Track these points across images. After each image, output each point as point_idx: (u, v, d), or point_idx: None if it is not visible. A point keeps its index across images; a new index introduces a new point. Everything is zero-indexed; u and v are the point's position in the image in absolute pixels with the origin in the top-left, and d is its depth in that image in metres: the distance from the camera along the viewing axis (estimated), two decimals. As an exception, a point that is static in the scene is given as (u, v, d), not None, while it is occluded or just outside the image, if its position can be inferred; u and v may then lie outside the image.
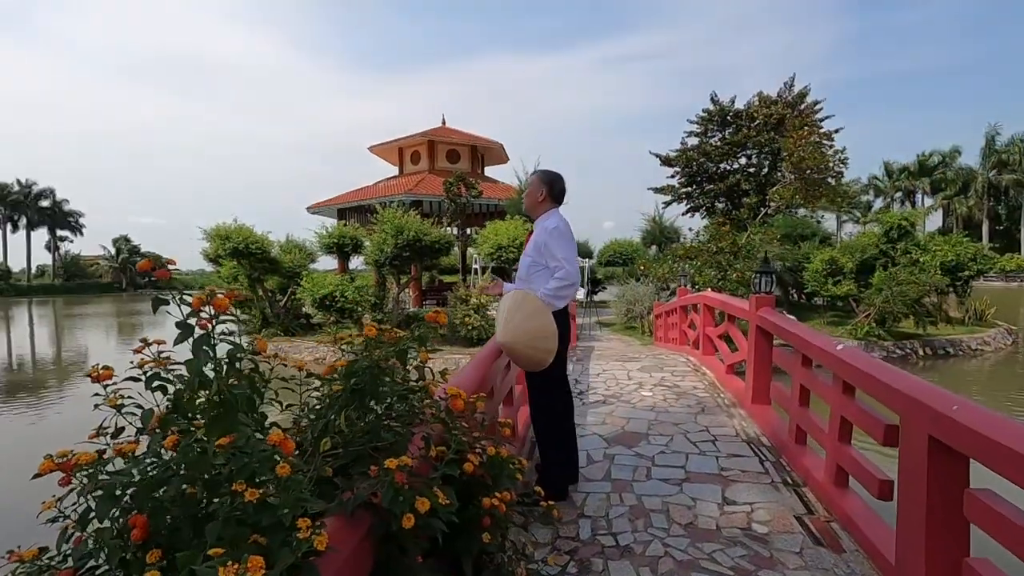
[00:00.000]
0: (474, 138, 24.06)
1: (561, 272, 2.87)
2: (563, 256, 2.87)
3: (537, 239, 2.98)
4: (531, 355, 2.88)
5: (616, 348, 10.66)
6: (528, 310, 2.83)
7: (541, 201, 3.06)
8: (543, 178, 3.08)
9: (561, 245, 2.89)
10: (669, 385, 5.53)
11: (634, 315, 15.98)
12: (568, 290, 2.91)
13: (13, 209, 65.46)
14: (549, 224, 2.95)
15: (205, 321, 1.17)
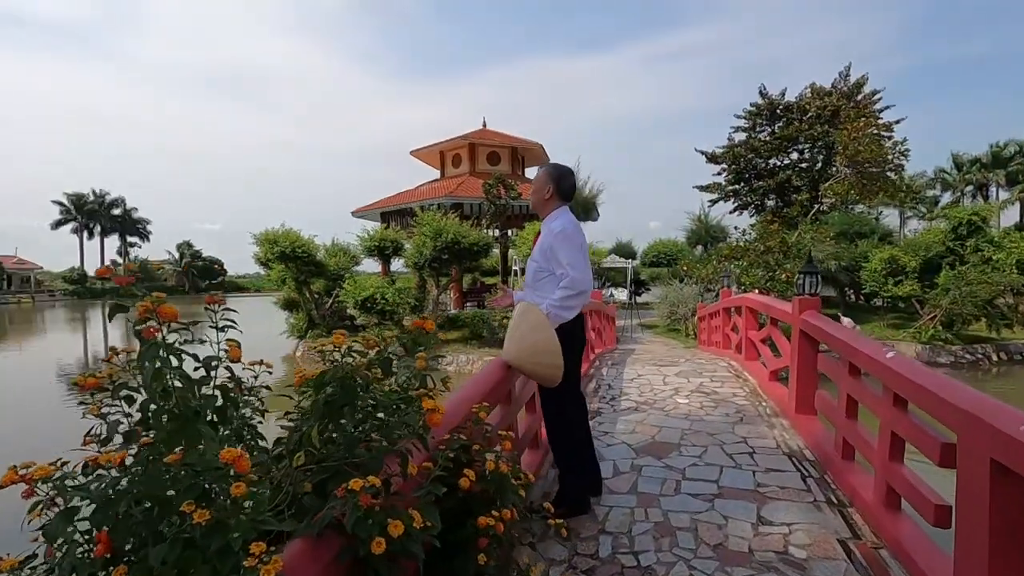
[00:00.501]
0: (514, 140, 24.02)
1: (567, 280, 2.61)
2: (568, 262, 2.61)
3: (543, 242, 2.76)
4: (538, 371, 2.70)
5: (656, 351, 10.34)
6: (530, 323, 2.64)
7: (548, 199, 2.80)
8: (550, 173, 2.81)
9: (567, 249, 2.63)
10: (707, 392, 5.25)
11: (677, 317, 15.54)
12: (576, 299, 2.67)
13: (89, 217, 70.15)
14: (555, 226, 2.70)
15: (152, 330, 1.11)
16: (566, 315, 2.67)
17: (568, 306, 2.66)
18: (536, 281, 2.80)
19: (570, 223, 2.72)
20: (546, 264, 2.74)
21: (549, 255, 2.71)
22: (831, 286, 16.07)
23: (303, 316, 18.28)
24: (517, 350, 2.68)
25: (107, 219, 71.83)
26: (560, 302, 2.64)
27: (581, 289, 2.65)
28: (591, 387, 5.59)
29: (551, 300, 2.65)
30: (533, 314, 2.66)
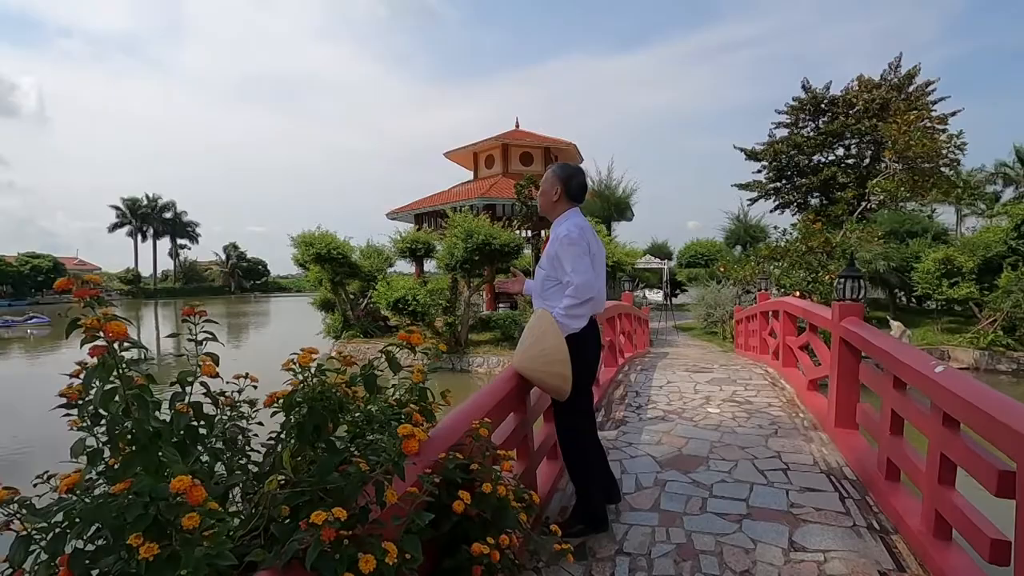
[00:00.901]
0: (547, 140, 23.85)
1: (571, 289, 2.47)
2: (572, 268, 2.47)
3: (549, 249, 2.62)
4: (545, 381, 2.58)
5: (691, 355, 10.01)
6: (539, 330, 2.54)
7: (556, 201, 2.63)
8: (558, 174, 2.65)
9: (571, 255, 2.48)
10: (740, 401, 5.00)
11: (714, 320, 15.09)
12: (582, 308, 2.52)
13: (142, 221, 73.54)
14: (560, 231, 2.54)
15: (100, 349, 1.04)
16: (574, 325, 2.53)
17: (575, 315, 2.52)
18: (544, 290, 2.68)
19: (575, 227, 2.54)
20: (552, 272, 2.61)
21: (555, 262, 2.57)
22: (879, 288, 15.29)
23: (338, 316, 18.61)
24: (525, 358, 2.59)
25: (159, 222, 75.15)
26: (566, 311, 2.50)
27: (587, 296, 2.50)
28: (618, 394, 5.41)
29: (558, 310, 2.53)
30: (544, 321, 2.54)
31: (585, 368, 2.64)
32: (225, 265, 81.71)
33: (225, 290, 77.98)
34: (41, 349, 22.95)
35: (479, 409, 2.34)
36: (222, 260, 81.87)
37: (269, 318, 36.58)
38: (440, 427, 1.91)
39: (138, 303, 60.79)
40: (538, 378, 2.61)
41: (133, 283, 71.81)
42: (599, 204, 16.75)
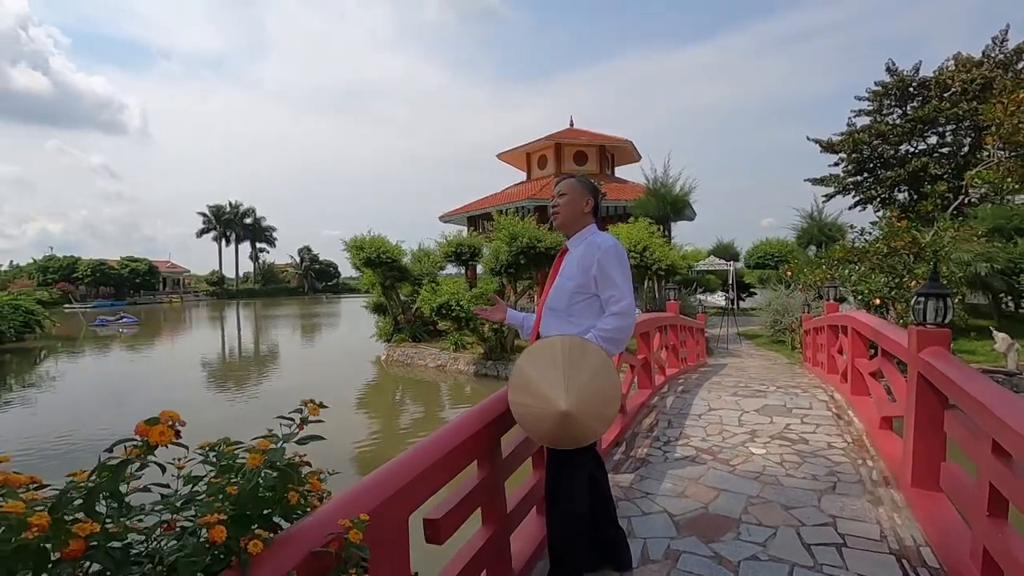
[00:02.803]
0: (602, 138, 23.00)
1: (622, 304, 2.14)
2: (624, 283, 2.18)
3: (584, 260, 2.21)
4: (589, 425, 1.99)
5: (750, 370, 9.01)
6: (594, 366, 1.96)
7: (586, 212, 2.33)
8: (587, 186, 2.36)
9: (622, 268, 2.20)
10: (793, 439, 4.17)
11: (782, 327, 13.78)
12: (628, 331, 2.17)
13: (226, 226, 78.84)
14: (603, 240, 2.22)
15: None
16: (614, 350, 2.14)
17: (619, 339, 2.15)
18: (571, 304, 2.25)
19: (616, 240, 2.26)
20: (587, 283, 2.21)
21: (596, 272, 2.19)
22: (981, 293, 13.38)
23: (389, 320, 18.69)
24: (585, 399, 1.94)
25: (241, 227, 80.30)
26: (614, 331, 2.13)
27: (633, 320, 2.19)
28: (647, 423, 4.71)
29: (601, 329, 2.13)
30: (595, 353, 1.99)
31: None
32: (299, 267, 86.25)
33: (299, 291, 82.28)
34: (127, 345, 24.79)
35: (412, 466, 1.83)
36: (297, 262, 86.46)
37: (334, 319, 37.90)
38: (302, 524, 1.39)
39: (222, 303, 65.42)
40: (587, 424, 1.98)
41: (218, 284, 77.18)
42: (654, 203, 15.76)
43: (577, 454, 2.12)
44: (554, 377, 1.95)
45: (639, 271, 13.20)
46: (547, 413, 1.97)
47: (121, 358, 22.09)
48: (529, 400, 2.03)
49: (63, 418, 11.13)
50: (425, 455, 1.98)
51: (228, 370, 18.14)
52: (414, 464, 1.90)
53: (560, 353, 1.98)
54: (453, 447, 2.10)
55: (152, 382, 15.97)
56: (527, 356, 2.09)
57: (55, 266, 61.74)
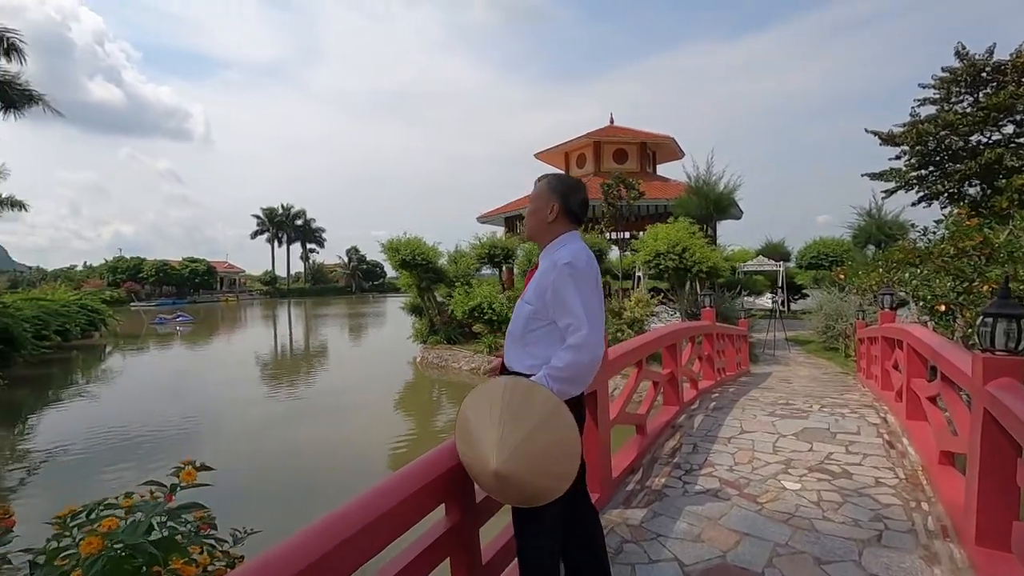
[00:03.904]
0: (643, 134, 22.31)
1: (577, 337, 1.72)
2: (583, 308, 1.74)
3: (541, 280, 1.86)
4: (536, 485, 1.72)
5: (796, 382, 8.36)
6: (540, 416, 1.67)
7: (552, 221, 1.95)
8: (553, 185, 1.97)
9: (580, 291, 1.77)
10: (835, 471, 3.68)
11: (835, 333, 12.88)
12: (588, 368, 1.74)
13: (278, 228, 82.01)
14: (560, 256, 1.83)
15: None
16: (572, 390, 1.77)
17: (578, 377, 1.75)
18: (526, 332, 1.90)
19: (583, 253, 1.86)
20: (543, 308, 1.84)
21: (550, 297, 1.81)
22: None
23: (425, 322, 18.72)
24: (522, 456, 1.67)
25: (292, 229, 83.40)
26: (568, 368, 1.72)
27: (595, 355, 1.74)
28: (669, 446, 4.31)
29: (553, 367, 1.74)
30: (544, 399, 1.69)
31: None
32: (347, 267, 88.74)
33: (347, 290, 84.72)
34: (183, 342, 25.98)
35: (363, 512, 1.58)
36: (345, 262, 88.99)
37: (377, 319, 38.64)
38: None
39: (274, 302, 68.26)
40: (529, 481, 1.72)
41: (271, 284, 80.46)
42: (696, 202, 15.06)
43: (540, 513, 1.81)
44: (489, 430, 1.69)
45: (678, 273, 12.60)
46: (481, 470, 1.74)
47: (177, 355, 23.25)
48: (467, 451, 1.80)
49: (120, 411, 11.97)
50: (381, 498, 1.73)
51: (277, 368, 18.70)
52: (366, 509, 1.65)
53: (500, 400, 1.70)
54: (416, 488, 1.84)
55: (205, 378, 16.71)
56: (471, 397, 1.83)
57: (123, 267, 65.76)
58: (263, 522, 2.55)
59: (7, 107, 20.19)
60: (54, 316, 19.78)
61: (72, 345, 22.78)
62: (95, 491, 7.40)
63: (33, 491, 7.56)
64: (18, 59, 19.89)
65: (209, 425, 10.53)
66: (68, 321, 21.41)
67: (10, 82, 20.00)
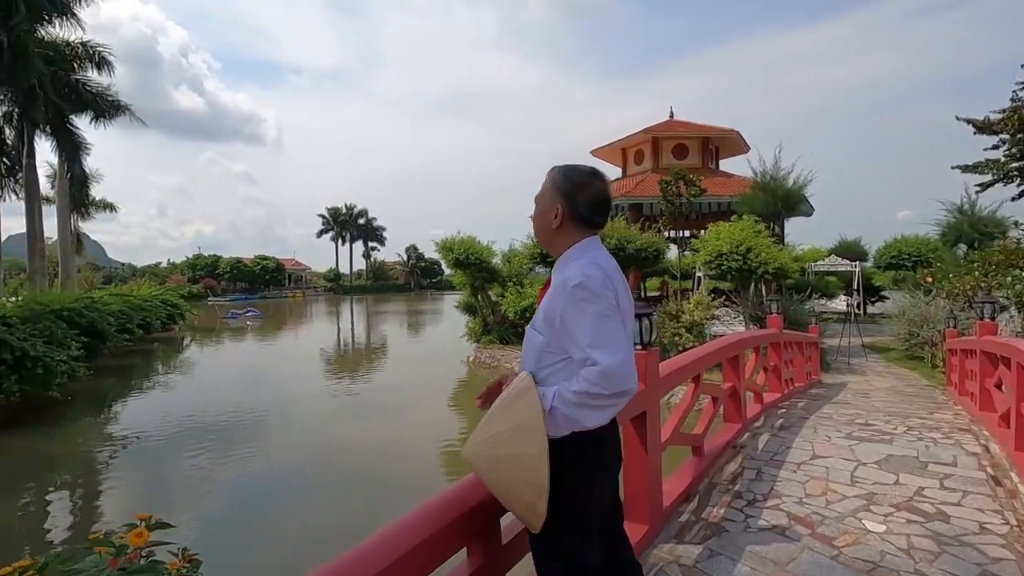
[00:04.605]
0: (705, 129, 21.33)
1: (594, 372, 1.39)
2: (593, 340, 1.41)
3: (550, 304, 1.54)
4: (506, 498, 1.53)
5: (876, 394, 7.62)
6: (510, 424, 1.47)
7: (557, 227, 1.59)
8: (557, 184, 1.60)
9: (590, 316, 1.43)
10: (928, 511, 3.18)
11: (919, 341, 11.77)
12: (607, 400, 1.41)
13: (341, 227, 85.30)
14: (570, 274, 1.49)
15: None
16: (582, 421, 1.45)
17: (592, 405, 1.42)
18: (540, 367, 1.56)
19: (597, 269, 1.48)
20: (556, 340, 1.51)
21: (559, 326, 1.49)
22: None
23: (479, 321, 18.71)
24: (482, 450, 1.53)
25: (355, 228, 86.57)
26: (578, 397, 1.41)
27: (620, 388, 1.40)
28: (730, 470, 3.90)
29: (564, 390, 1.44)
30: (525, 409, 1.46)
31: (586, 493, 1.56)
32: (407, 265, 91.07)
33: (406, 287, 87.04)
34: (252, 336, 27.38)
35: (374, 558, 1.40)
36: (404, 260, 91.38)
37: (434, 316, 39.29)
38: None
39: (337, 298, 71.22)
40: (491, 486, 1.58)
41: (334, 280, 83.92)
42: (761, 199, 14.17)
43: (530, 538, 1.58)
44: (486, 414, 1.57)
45: (742, 275, 11.88)
46: None
47: (246, 348, 24.59)
48: None
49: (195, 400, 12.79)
50: (394, 540, 1.53)
51: (338, 364, 19.35)
52: (378, 553, 1.47)
53: (508, 389, 1.56)
54: (436, 529, 1.63)
55: (271, 371, 17.54)
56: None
57: (201, 264, 70.41)
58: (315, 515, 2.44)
59: (97, 117, 21.88)
60: (137, 311, 21.19)
61: (153, 337, 24.44)
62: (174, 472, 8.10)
63: (119, 470, 8.32)
64: (108, 72, 21.51)
65: (273, 417, 11.08)
66: (150, 315, 22.90)
67: (101, 94, 21.65)
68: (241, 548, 5.54)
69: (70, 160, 22.11)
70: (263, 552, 5.45)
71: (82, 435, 10.04)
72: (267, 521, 6.19)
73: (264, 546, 5.59)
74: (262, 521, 6.21)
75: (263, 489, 7.20)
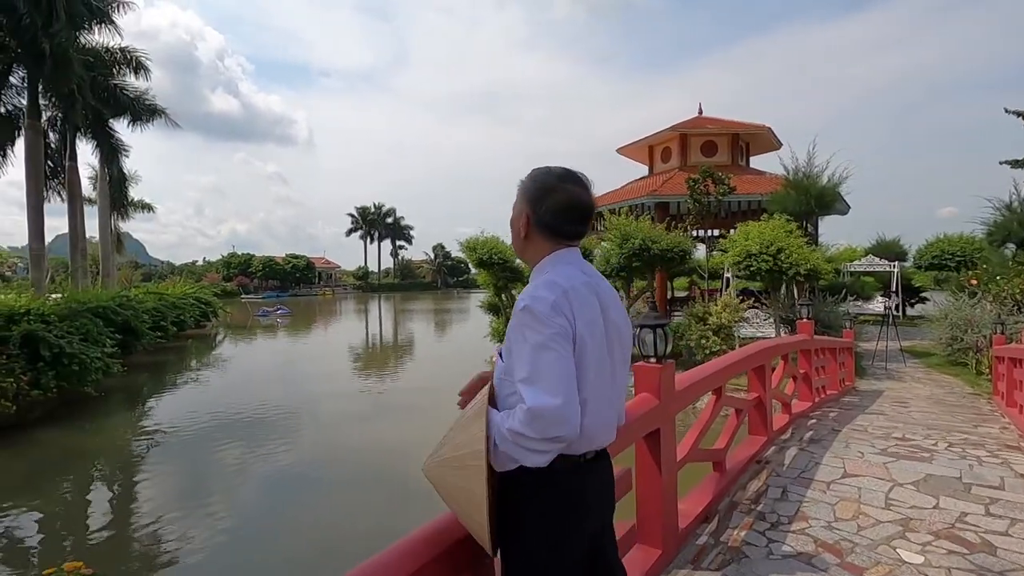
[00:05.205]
0: (735, 125, 20.78)
1: (521, 411, 1.21)
2: (526, 373, 1.23)
3: (508, 328, 1.38)
4: (449, 502, 1.38)
5: (915, 404, 7.22)
6: (463, 448, 1.32)
7: (525, 237, 1.45)
8: (524, 188, 1.44)
9: (527, 346, 1.24)
10: (971, 541, 2.92)
11: (963, 346, 11.18)
12: (533, 445, 1.22)
13: (370, 226, 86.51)
14: (524, 294, 1.32)
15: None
16: (523, 460, 1.26)
17: (524, 447, 1.23)
18: (503, 395, 1.38)
19: (549, 289, 1.28)
20: (509, 366, 1.33)
21: (509, 351, 1.32)
22: None
23: (503, 321, 18.64)
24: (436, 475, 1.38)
25: (383, 227, 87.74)
26: (512, 435, 1.23)
27: (549, 435, 1.20)
28: (752, 488, 3.69)
29: (502, 426, 1.26)
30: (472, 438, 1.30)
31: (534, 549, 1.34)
32: (434, 263, 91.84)
33: (433, 286, 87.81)
34: (282, 333, 27.95)
35: None
36: (431, 259, 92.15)
37: (460, 315, 39.41)
38: None
39: (366, 296, 72.31)
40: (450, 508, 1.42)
41: (363, 279, 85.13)
42: (794, 197, 13.66)
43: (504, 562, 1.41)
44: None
45: (772, 276, 11.46)
46: None
47: (276, 346, 25.15)
48: None
49: (225, 396, 13.21)
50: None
51: (364, 363, 19.57)
52: None
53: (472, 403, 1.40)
54: (422, 564, 1.52)
55: (299, 369, 17.88)
56: None
57: (235, 262, 72.33)
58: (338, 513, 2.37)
59: (134, 120, 22.57)
60: (171, 308, 21.79)
61: (187, 334, 25.12)
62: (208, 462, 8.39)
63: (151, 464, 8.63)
64: (144, 76, 22.16)
65: (300, 413, 11.35)
66: (183, 313, 23.55)
67: (138, 98, 22.32)
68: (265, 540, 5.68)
69: (109, 162, 22.88)
70: (280, 548, 5.54)
71: (115, 430, 10.38)
72: (283, 517, 6.30)
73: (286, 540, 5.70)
74: (281, 517, 6.33)
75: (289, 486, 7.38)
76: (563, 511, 1.34)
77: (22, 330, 10.35)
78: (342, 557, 5.05)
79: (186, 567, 5.20)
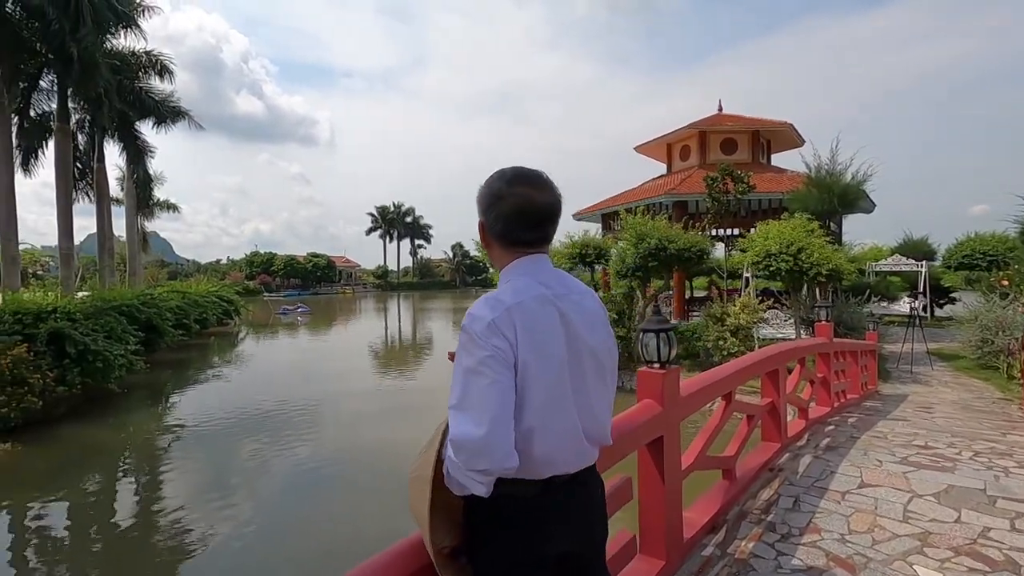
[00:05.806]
0: (755, 122, 20.39)
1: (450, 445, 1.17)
2: (455, 398, 1.17)
3: None
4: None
5: (939, 409, 6.97)
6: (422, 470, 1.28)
7: (486, 246, 1.39)
8: (479, 199, 1.35)
9: (458, 369, 1.19)
10: (995, 559, 2.77)
11: (994, 349, 10.80)
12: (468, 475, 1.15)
13: (389, 225, 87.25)
14: (468, 313, 1.24)
15: None
16: (466, 484, 1.17)
17: (463, 476, 1.17)
18: None
19: (489, 307, 1.20)
20: None
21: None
22: None
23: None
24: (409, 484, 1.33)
25: (402, 226, 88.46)
26: (450, 465, 1.19)
27: (475, 467, 1.14)
28: (764, 496, 3.57)
29: (448, 449, 1.20)
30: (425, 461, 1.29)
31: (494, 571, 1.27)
32: (452, 262, 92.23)
33: (451, 284, 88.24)
34: (302, 331, 28.35)
35: None
36: (450, 258, 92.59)
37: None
38: None
39: (385, 294, 73.06)
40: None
41: (382, 277, 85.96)
42: (816, 195, 13.33)
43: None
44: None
45: (792, 276, 11.21)
46: None
47: (296, 344, 25.53)
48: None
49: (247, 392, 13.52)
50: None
51: (382, 362, 19.75)
52: None
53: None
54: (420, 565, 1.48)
55: (318, 367, 18.12)
56: None
57: (258, 261, 73.62)
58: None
59: (159, 122, 23.06)
60: (193, 307, 22.20)
61: (210, 332, 25.61)
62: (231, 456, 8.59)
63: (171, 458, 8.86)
64: (169, 79, 22.62)
65: (319, 411, 11.56)
66: (206, 311, 23.99)
67: (163, 100, 22.80)
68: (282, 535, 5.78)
69: (134, 163, 23.43)
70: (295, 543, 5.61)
71: (138, 425, 10.62)
72: (298, 515, 6.38)
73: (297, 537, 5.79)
74: (296, 514, 6.44)
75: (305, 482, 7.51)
76: (516, 536, 1.26)
77: (48, 328, 10.64)
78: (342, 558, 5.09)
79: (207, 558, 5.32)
